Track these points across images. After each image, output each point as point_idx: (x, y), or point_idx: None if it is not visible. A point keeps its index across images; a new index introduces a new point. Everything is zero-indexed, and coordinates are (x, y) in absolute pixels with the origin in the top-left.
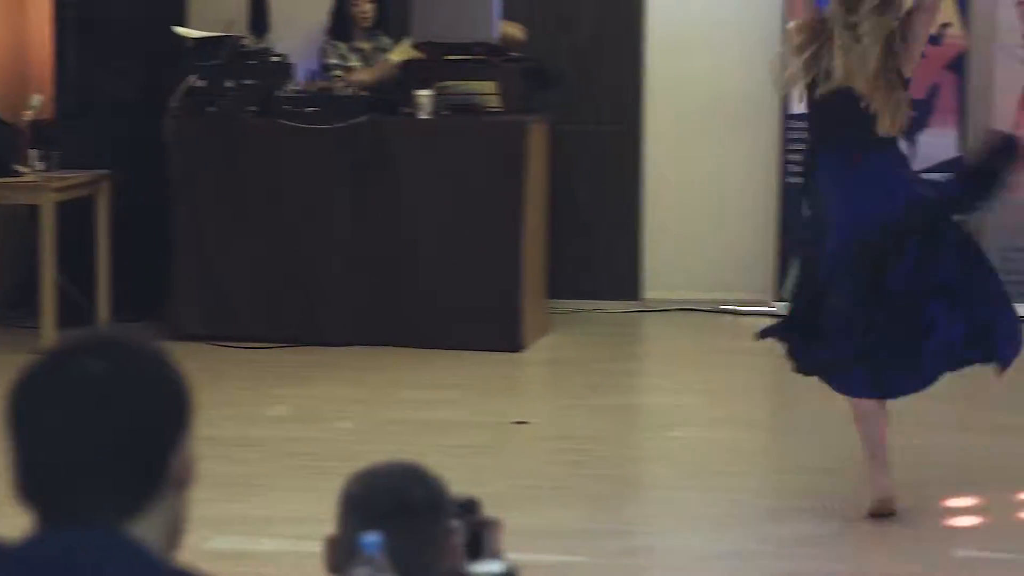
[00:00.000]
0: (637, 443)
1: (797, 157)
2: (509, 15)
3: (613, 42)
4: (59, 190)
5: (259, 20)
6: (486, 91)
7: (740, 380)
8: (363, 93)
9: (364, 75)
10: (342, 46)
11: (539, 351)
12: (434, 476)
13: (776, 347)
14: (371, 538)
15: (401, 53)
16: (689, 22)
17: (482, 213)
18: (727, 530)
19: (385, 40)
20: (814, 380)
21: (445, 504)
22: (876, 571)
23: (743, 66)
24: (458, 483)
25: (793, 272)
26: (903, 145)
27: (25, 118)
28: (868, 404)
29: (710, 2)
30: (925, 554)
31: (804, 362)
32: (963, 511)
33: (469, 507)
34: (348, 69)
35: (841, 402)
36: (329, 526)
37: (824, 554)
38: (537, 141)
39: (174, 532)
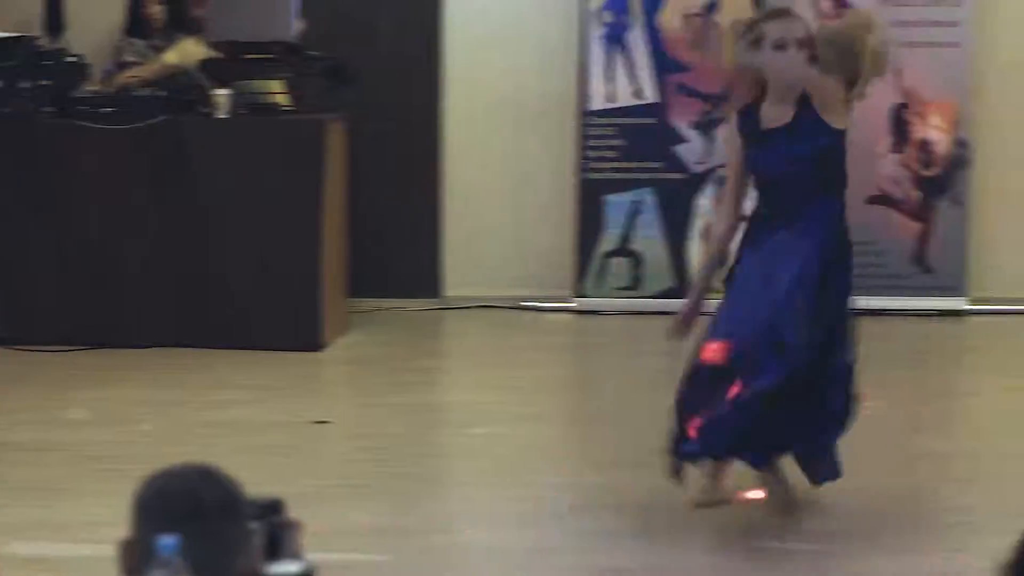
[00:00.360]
0: (439, 441)
1: (594, 153)
2: (308, 13)
3: (411, 41)
4: None
5: (54, 20)
6: (278, 90)
7: (542, 376)
8: (160, 93)
9: (140, 72)
10: (139, 44)
11: (339, 350)
12: (228, 477)
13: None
14: (166, 541)
15: (177, 53)
16: (486, 21)
17: (281, 212)
18: (528, 527)
19: (182, 39)
20: (617, 370)
21: (240, 505)
22: (675, 565)
23: (540, 64)
24: (260, 483)
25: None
26: (703, 142)
27: None
28: None
29: (507, 1)
30: (725, 546)
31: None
32: (759, 503)
33: (274, 508)
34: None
35: (643, 395)
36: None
37: (622, 549)
38: (335, 140)
39: None
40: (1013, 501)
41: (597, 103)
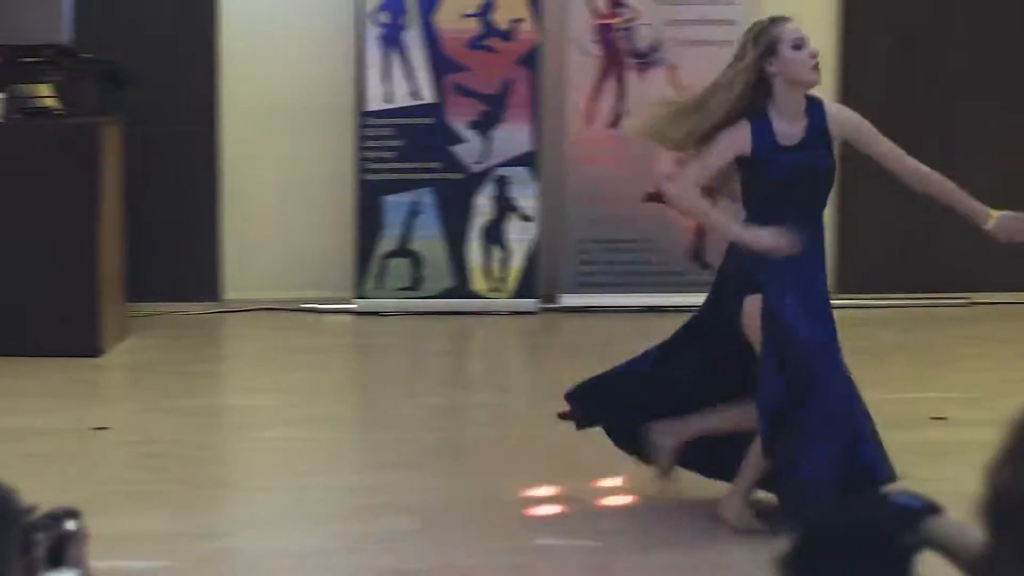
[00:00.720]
0: (221, 445)
1: (372, 154)
2: (82, 15)
3: (188, 43)
4: None
5: None
6: (52, 93)
7: (324, 378)
8: None
9: None
10: None
11: (118, 355)
12: (3, 487)
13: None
14: None
15: None
16: (263, 22)
17: (56, 217)
18: (312, 529)
19: None
20: (399, 371)
21: (12, 514)
22: (456, 562)
23: (317, 66)
24: (40, 491)
25: None
26: (482, 141)
27: None
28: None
29: (283, 2)
30: (506, 544)
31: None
32: (542, 501)
33: (70, 516)
34: None
35: (425, 396)
36: None
37: (406, 549)
38: (111, 143)
39: None
40: None
41: (375, 104)
